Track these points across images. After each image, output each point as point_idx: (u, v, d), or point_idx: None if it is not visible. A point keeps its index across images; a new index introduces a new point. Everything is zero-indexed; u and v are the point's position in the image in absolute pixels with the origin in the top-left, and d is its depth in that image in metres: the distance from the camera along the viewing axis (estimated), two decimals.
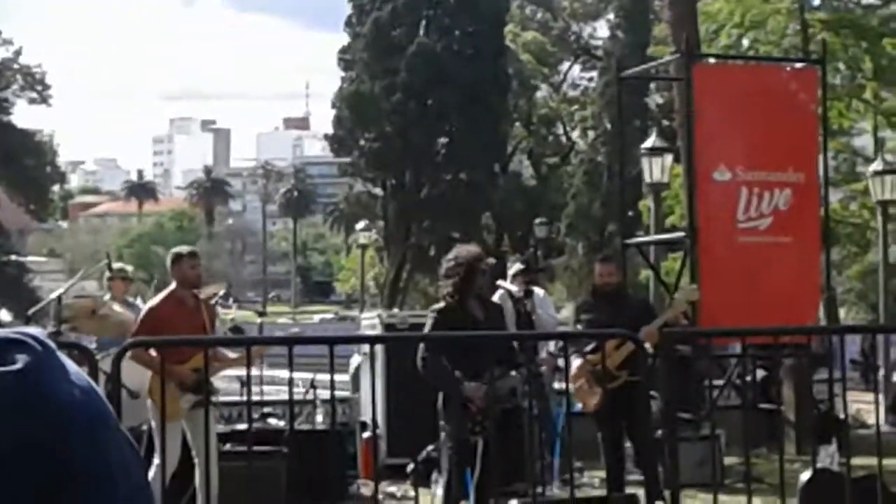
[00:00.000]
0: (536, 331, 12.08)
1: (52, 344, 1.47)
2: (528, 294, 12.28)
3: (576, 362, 10.39)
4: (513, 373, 9.15)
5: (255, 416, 12.45)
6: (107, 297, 12.31)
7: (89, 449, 1.42)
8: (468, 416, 8.76)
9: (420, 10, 54.79)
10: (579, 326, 10.66)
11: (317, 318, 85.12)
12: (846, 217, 24.25)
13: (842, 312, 29.12)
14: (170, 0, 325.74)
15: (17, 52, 64.45)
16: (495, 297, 11.55)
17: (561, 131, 63.68)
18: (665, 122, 44.91)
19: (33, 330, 1.48)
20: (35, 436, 1.39)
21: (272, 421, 13.10)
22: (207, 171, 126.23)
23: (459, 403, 8.77)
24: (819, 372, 14.20)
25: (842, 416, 10.55)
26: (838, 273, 25.56)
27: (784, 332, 10.58)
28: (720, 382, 12.86)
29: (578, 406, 11.51)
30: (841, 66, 21.45)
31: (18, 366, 1.41)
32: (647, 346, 9.17)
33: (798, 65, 15.57)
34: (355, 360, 15.47)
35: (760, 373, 14.14)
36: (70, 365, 1.47)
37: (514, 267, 12.60)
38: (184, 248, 10.55)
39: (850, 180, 26.07)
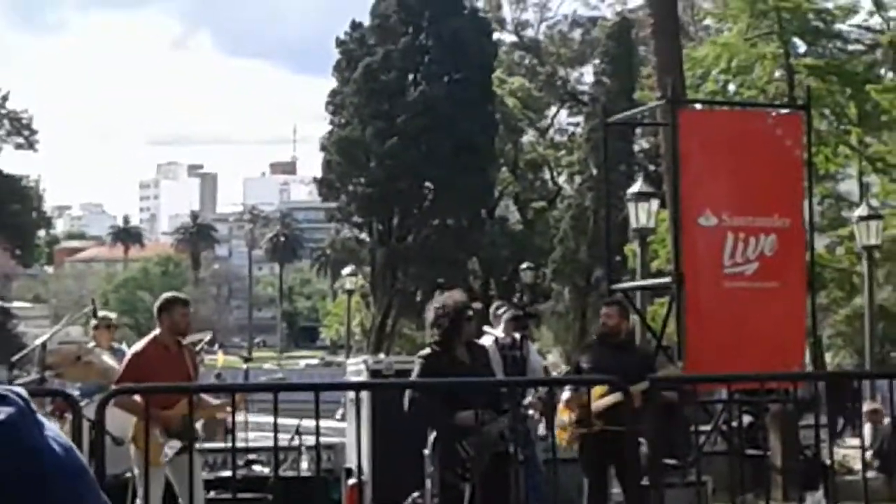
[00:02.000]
0: (526, 376, 12.05)
1: (31, 402, 1.50)
2: (524, 339, 12.28)
3: (565, 395, 10.45)
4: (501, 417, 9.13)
5: (240, 462, 12.37)
6: (91, 344, 12.25)
7: (68, 500, 1.45)
8: (457, 461, 8.72)
9: (411, 56, 55.04)
10: (584, 365, 10.66)
11: (302, 363, 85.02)
12: (832, 262, 24.31)
13: (828, 357, 29.11)
14: (158, 44, 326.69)
15: (5, 97, 64.53)
16: (482, 342, 11.54)
17: (547, 176, 63.87)
18: (651, 168, 45.12)
19: (14, 387, 1.52)
20: (16, 485, 1.42)
21: (257, 468, 13.02)
22: (194, 216, 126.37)
23: (448, 448, 8.72)
24: (805, 418, 14.16)
25: (828, 462, 10.52)
26: (824, 318, 25.58)
27: (770, 377, 10.56)
28: (706, 428, 12.81)
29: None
30: (826, 111, 21.55)
31: (1, 417, 1.45)
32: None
33: (783, 110, 15.65)
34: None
35: (747, 418, 14.10)
36: (49, 423, 1.51)
37: (508, 313, 12.56)
38: (178, 295, 10.47)
39: (836, 225, 26.14)
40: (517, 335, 12.31)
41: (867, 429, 17.86)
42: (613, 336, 10.79)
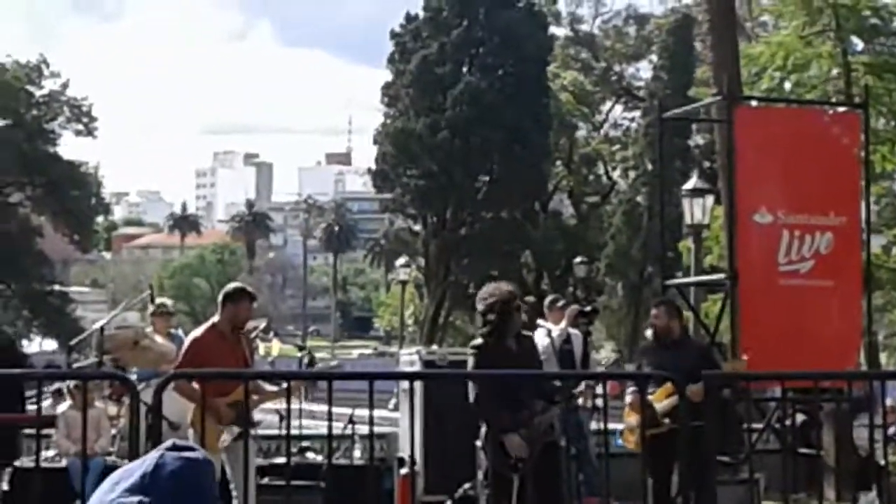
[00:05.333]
0: (580, 370, 12.15)
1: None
2: (587, 336, 12.41)
3: (629, 398, 10.48)
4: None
5: (294, 450, 12.49)
6: (149, 329, 12.42)
7: None
8: (508, 453, 8.78)
9: (466, 49, 55.06)
10: (645, 368, 10.73)
11: (356, 353, 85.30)
12: (888, 262, 24.10)
13: (883, 358, 28.89)
14: (219, 33, 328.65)
15: (65, 85, 65.07)
16: (537, 336, 11.64)
17: (602, 171, 63.68)
18: (706, 164, 44.87)
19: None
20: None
21: (310, 455, 13.15)
22: (249, 204, 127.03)
23: (500, 439, 8.80)
24: (860, 417, 14.11)
25: (882, 462, 10.50)
26: (880, 318, 25.39)
27: (825, 376, 10.52)
28: (759, 426, 12.80)
29: (619, 442, 11.51)
30: (884, 110, 21.35)
31: (192, 455, 1.79)
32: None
33: (841, 109, 15.55)
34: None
35: (800, 417, 14.07)
36: None
37: (573, 308, 12.67)
38: (246, 288, 10.49)
39: (893, 225, 25.90)
40: (573, 330, 12.40)
41: None
42: (665, 336, 10.84)
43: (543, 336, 12.03)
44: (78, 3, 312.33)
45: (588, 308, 12.96)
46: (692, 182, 22.43)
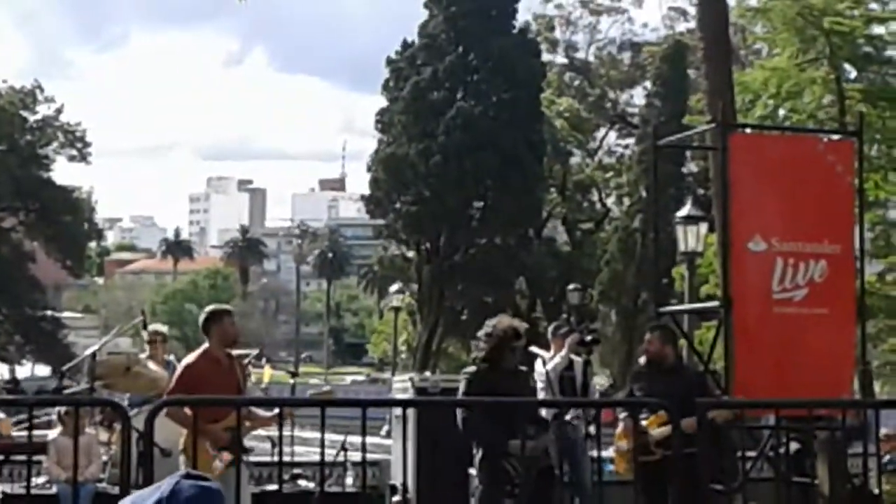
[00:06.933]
0: (577, 398, 12.12)
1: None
2: (588, 364, 12.39)
3: (622, 423, 10.47)
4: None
5: (286, 477, 12.43)
6: (143, 355, 12.37)
7: None
8: (503, 478, 8.76)
9: (459, 75, 55.14)
10: (637, 393, 10.71)
11: (348, 379, 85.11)
12: (882, 290, 24.10)
13: (877, 386, 28.86)
14: (215, 59, 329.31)
15: (59, 110, 65.15)
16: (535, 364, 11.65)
17: (596, 198, 63.77)
18: (700, 191, 44.96)
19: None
20: None
21: (302, 482, 13.08)
22: (243, 230, 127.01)
23: (494, 466, 8.77)
24: (854, 446, 14.06)
25: (876, 491, 10.45)
26: (874, 346, 25.38)
27: (818, 404, 10.50)
28: (753, 454, 12.74)
29: (610, 467, 11.48)
30: (878, 137, 21.39)
31: (210, 485, 2.00)
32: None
33: (834, 136, 15.54)
34: None
35: (794, 445, 14.01)
36: None
37: (574, 336, 12.64)
38: (222, 306, 10.55)
39: (887, 253, 25.92)
40: (576, 358, 12.37)
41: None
42: (659, 362, 10.82)
43: (539, 364, 12.01)
44: (79, 30, 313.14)
45: (589, 338, 12.90)
46: (686, 209, 22.47)
